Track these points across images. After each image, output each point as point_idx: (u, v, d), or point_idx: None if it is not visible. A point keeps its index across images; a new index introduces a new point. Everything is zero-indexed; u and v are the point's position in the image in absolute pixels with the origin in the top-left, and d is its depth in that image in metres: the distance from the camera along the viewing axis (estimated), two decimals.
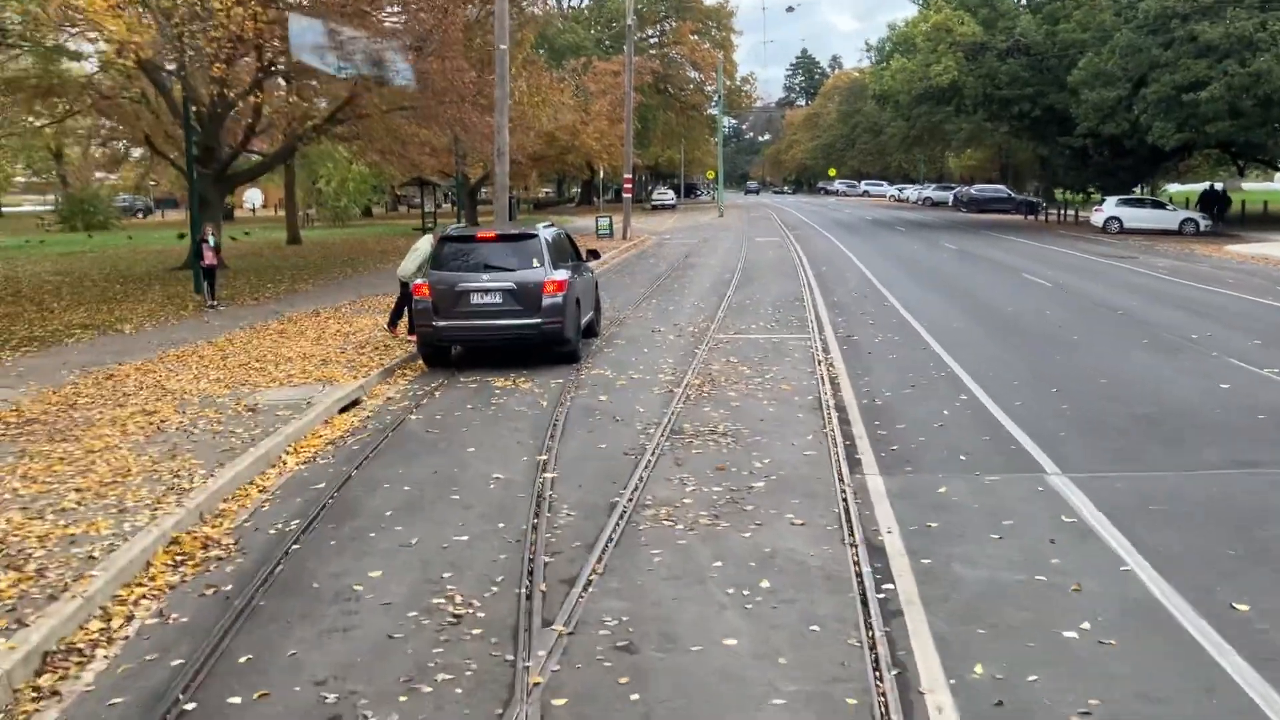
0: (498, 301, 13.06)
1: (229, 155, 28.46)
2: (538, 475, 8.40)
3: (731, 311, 18.67)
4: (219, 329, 17.42)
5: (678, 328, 16.89)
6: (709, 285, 23.46)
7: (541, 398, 11.56)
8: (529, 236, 13.62)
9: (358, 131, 33.15)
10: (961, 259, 29.47)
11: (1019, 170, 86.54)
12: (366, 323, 17.65)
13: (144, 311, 19.66)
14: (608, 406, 10.97)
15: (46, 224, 62.84)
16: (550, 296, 13.00)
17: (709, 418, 10.26)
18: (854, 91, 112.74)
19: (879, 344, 14.80)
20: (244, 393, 11.81)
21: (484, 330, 13.25)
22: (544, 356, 13.59)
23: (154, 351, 15.16)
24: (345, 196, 59.42)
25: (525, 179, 58.66)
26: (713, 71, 75.96)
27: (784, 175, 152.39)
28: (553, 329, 13.05)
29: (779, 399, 11.13)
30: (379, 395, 12.26)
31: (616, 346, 15.19)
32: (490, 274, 13.19)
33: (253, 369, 13.45)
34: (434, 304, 13.12)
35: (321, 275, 27.18)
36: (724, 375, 12.53)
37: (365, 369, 13.29)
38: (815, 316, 17.72)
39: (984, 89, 45.42)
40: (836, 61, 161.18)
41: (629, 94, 38.92)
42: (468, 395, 11.85)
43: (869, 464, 8.63)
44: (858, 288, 22.12)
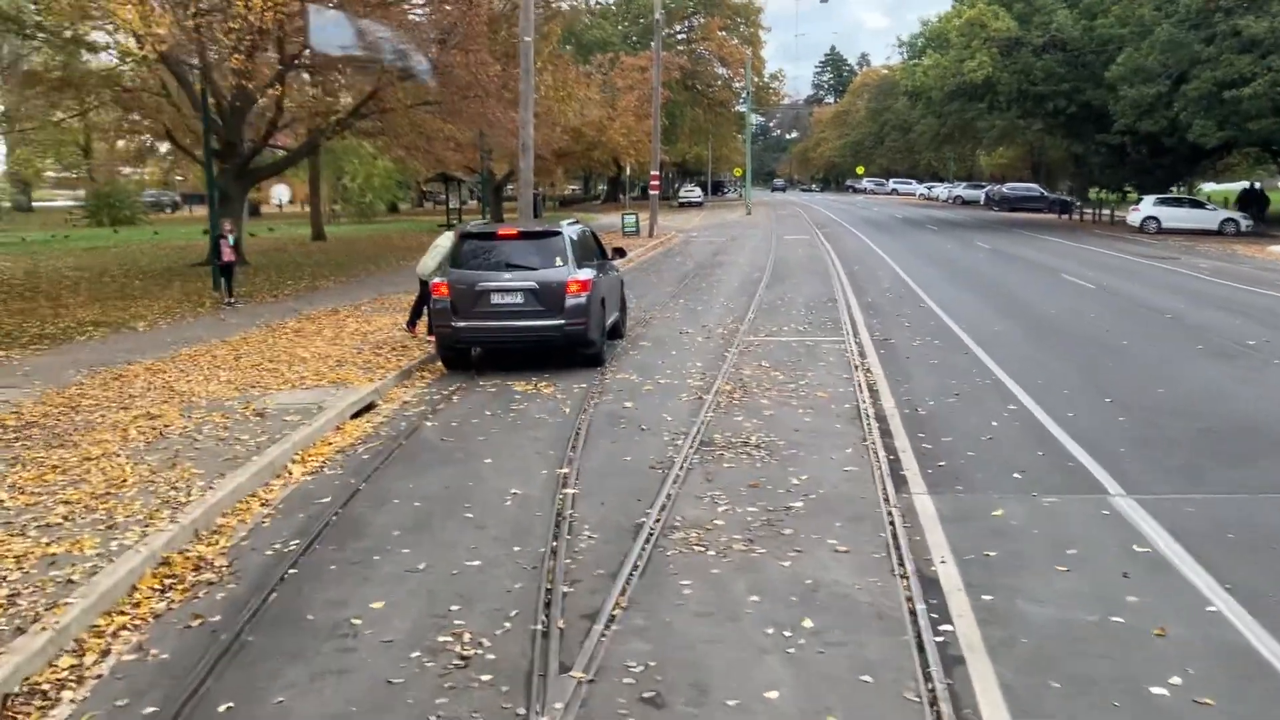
0: (519, 302, 12.49)
1: (251, 150, 28.07)
2: (558, 491, 7.81)
3: (762, 312, 18.02)
4: (235, 327, 16.95)
5: (706, 329, 16.27)
6: (738, 285, 22.82)
7: (564, 404, 10.97)
8: (552, 234, 13.03)
9: (382, 126, 32.78)
10: (997, 258, 28.66)
11: (1050, 169, 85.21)
12: (386, 321, 17.13)
13: (160, 308, 19.23)
14: (633, 414, 10.37)
15: (74, 219, 63.09)
16: (574, 297, 12.43)
17: (741, 428, 9.64)
18: (883, 89, 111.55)
19: (917, 348, 14.12)
20: (254, 396, 11.30)
21: (505, 332, 12.69)
22: (567, 359, 13.02)
23: (166, 350, 14.69)
24: (371, 192, 59.11)
25: (551, 175, 58.11)
26: (740, 68, 75.14)
27: (811, 173, 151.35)
28: (576, 330, 12.48)
29: (815, 407, 10.48)
30: (394, 399, 11.72)
31: (643, 349, 14.59)
32: (511, 273, 12.63)
33: (265, 370, 12.95)
34: (453, 304, 12.56)
35: (343, 272, 26.73)
36: (756, 381, 11.90)
37: (381, 371, 12.75)
38: (849, 318, 17.05)
39: (1018, 85, 44.44)
40: (865, 59, 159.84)
41: (656, 89, 38.30)
42: (486, 400, 11.29)
43: (915, 481, 7.98)
44: (892, 288, 21.42)
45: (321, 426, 10.01)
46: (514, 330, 12.63)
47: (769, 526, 6.97)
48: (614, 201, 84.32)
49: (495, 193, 51.56)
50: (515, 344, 12.98)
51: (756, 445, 8.99)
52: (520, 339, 12.78)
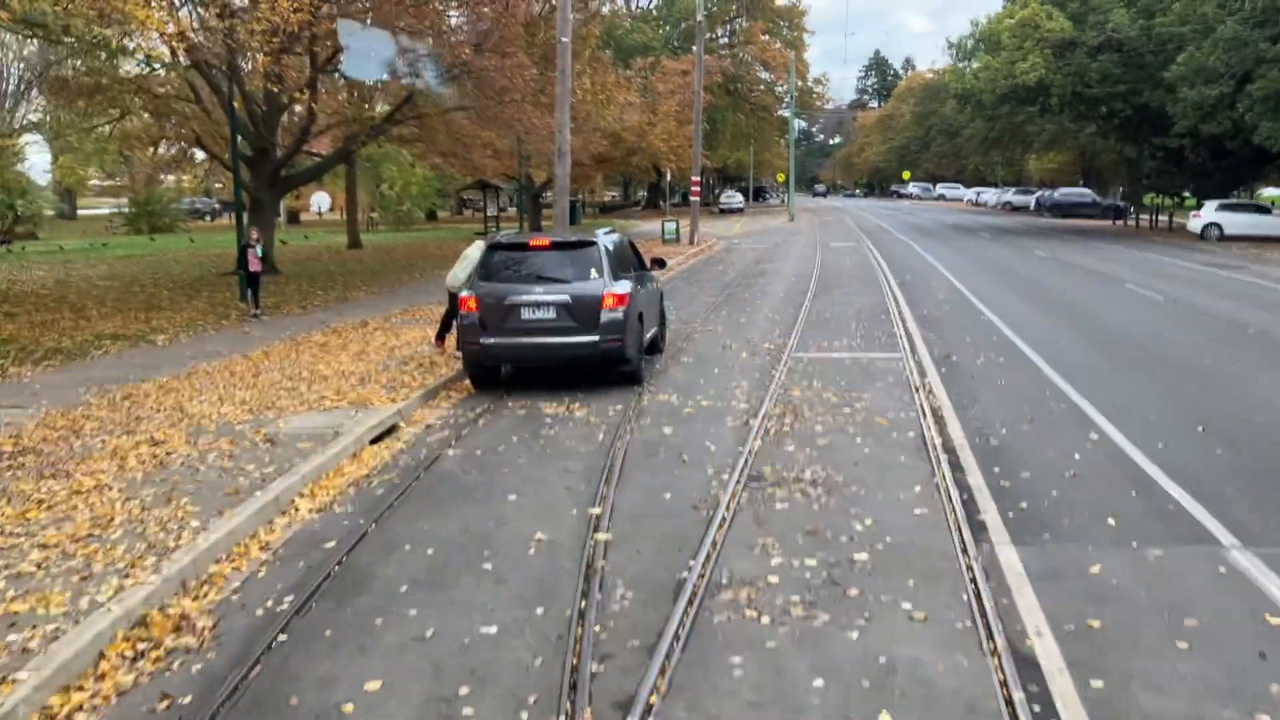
0: (551, 317, 11.65)
1: (283, 156, 27.53)
2: (588, 536, 6.92)
3: (810, 326, 17.05)
4: (258, 341, 16.27)
5: (751, 344, 15.33)
6: (783, 295, 21.84)
7: (598, 428, 10.09)
8: (586, 244, 12.21)
9: (419, 133, 32.21)
10: (1056, 267, 27.41)
11: (1101, 174, 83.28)
12: (415, 335, 16.37)
13: (183, 320, 18.62)
14: (674, 442, 9.47)
15: (114, 226, 63.35)
16: (610, 311, 11.61)
17: (793, 460, 8.70)
18: (929, 93, 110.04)
19: (982, 367, 13.09)
20: (267, 419, 10.53)
21: (536, 349, 11.85)
22: (602, 377, 12.16)
23: (184, 366, 14.02)
24: (408, 200, 58.71)
25: (590, 181, 57.49)
26: (783, 72, 74.07)
27: (855, 178, 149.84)
28: (612, 347, 11.66)
29: (875, 436, 9.52)
30: (418, 422, 10.90)
31: (683, 366, 13.68)
32: (543, 286, 11.77)
33: (284, 389, 12.20)
34: (481, 319, 11.77)
35: (376, 281, 26.08)
36: (807, 403, 10.95)
37: (406, 390, 11.95)
38: (905, 332, 16.04)
39: (1073, 87, 43.01)
40: (909, 63, 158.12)
41: (698, 93, 37.39)
42: (515, 424, 10.43)
43: (996, 528, 7.00)
44: (948, 300, 20.34)
45: (336, 455, 9.20)
46: (546, 347, 11.80)
47: (831, 585, 6.04)
48: (654, 208, 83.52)
49: (534, 200, 50.92)
50: (547, 362, 12.18)
51: (812, 481, 8.05)
52: (552, 357, 11.95)
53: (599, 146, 42.63)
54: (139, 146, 28.42)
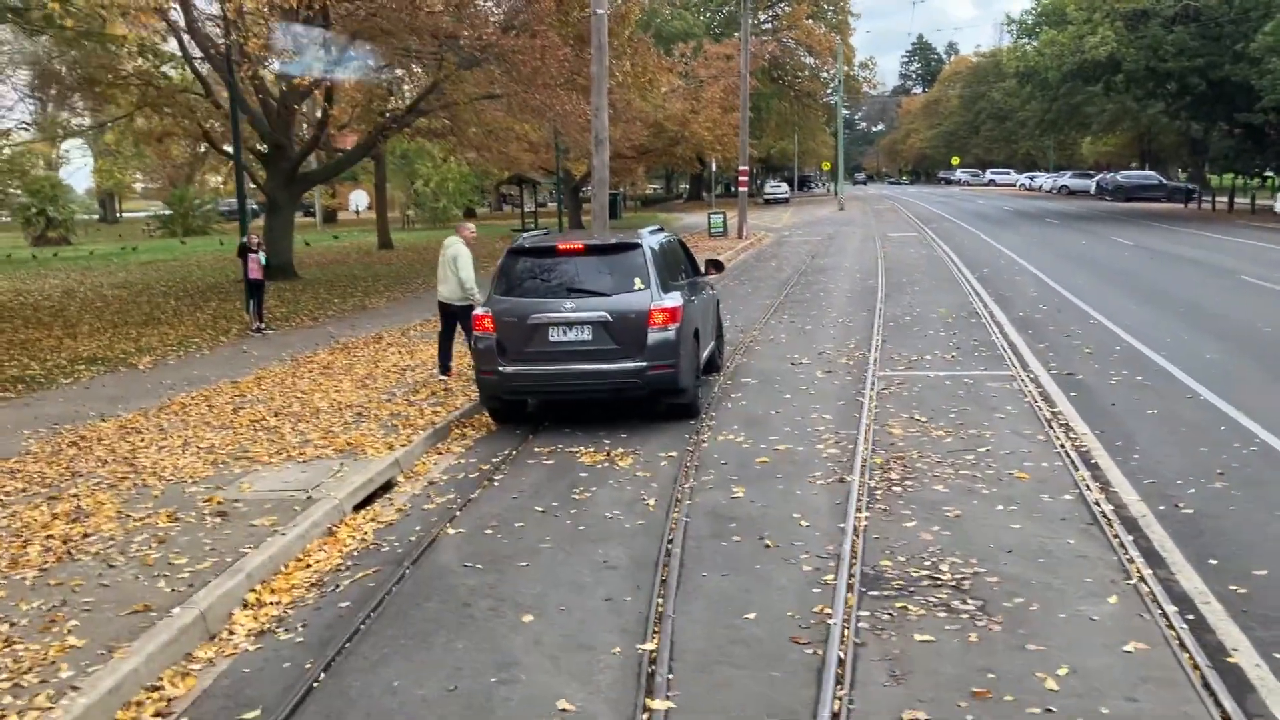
0: (585, 339, 9.43)
1: (300, 153, 25.49)
2: (638, 705, 4.57)
3: (889, 333, 14.61)
4: (254, 362, 14.16)
5: (824, 358, 12.94)
6: (850, 295, 19.38)
7: (646, 488, 7.77)
8: (628, 247, 9.90)
9: (449, 125, 30.08)
10: (1150, 257, 24.62)
11: (1160, 155, 79.50)
12: (432, 353, 14.14)
13: (177, 337, 16.57)
14: (748, 511, 7.12)
15: (149, 229, 62.10)
16: (658, 331, 9.36)
17: (919, 544, 6.33)
18: (977, 76, 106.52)
19: (1118, 388, 10.59)
20: (230, 476, 8.35)
21: (567, 379, 9.55)
22: (650, 407, 9.86)
23: (159, 396, 11.93)
24: (444, 197, 56.69)
25: (631, 174, 55.09)
26: (829, 56, 71.20)
27: (899, 165, 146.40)
28: (662, 376, 9.43)
29: (1021, 501, 7.10)
30: (418, 475, 8.67)
31: (746, 389, 11.33)
32: (576, 301, 9.54)
33: (264, 429, 10.03)
34: (499, 342, 9.58)
35: (400, 286, 23.96)
36: (914, 446, 8.56)
37: (410, 430, 9.72)
38: (1005, 341, 13.55)
39: (1145, 61, 39.91)
40: (953, 47, 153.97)
41: (744, 76, 34.89)
42: (540, 480, 8.15)
43: (1263, 680, 4.57)
44: (1041, 298, 17.76)
45: (302, 534, 6.97)
46: (579, 377, 9.51)
47: None
48: (697, 200, 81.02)
49: (573, 194, 48.70)
50: (581, 395, 9.88)
51: (956, 585, 5.66)
52: (587, 388, 9.66)
53: (640, 136, 40.29)
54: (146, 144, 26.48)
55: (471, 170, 52.67)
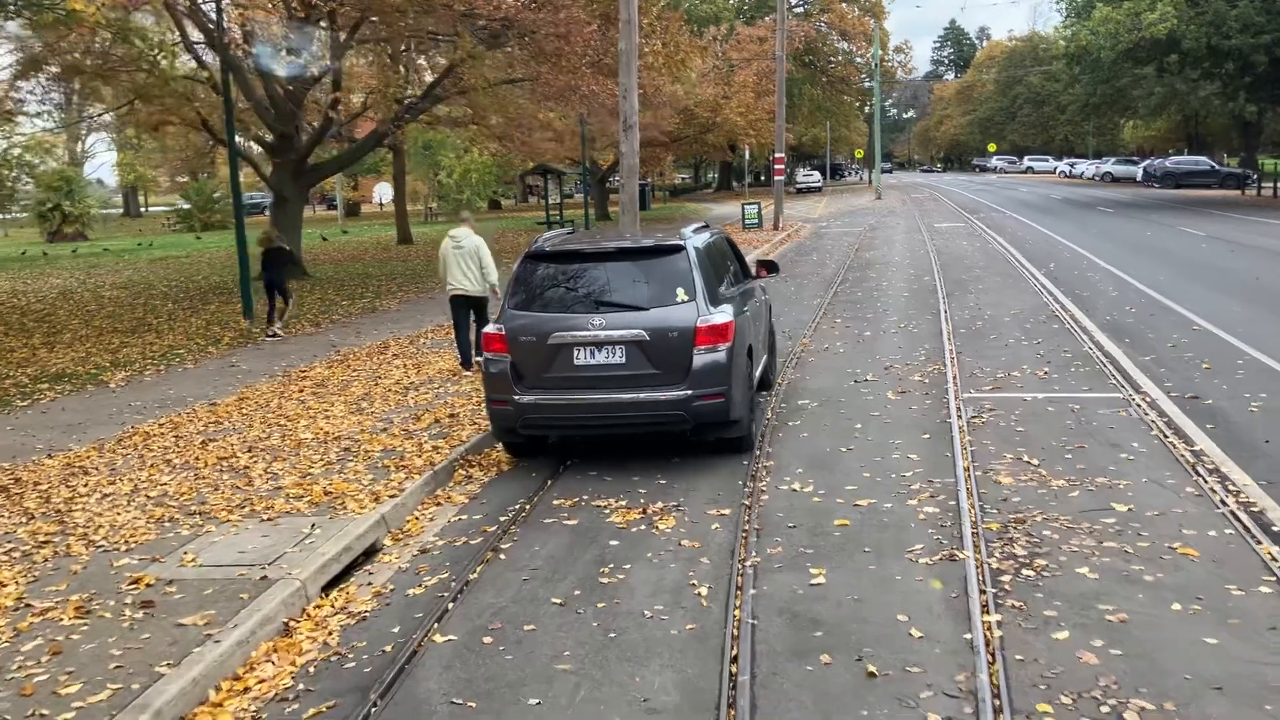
0: (618, 362, 7.74)
1: (308, 143, 23.85)
2: None
3: (963, 342, 12.76)
4: (241, 378, 12.54)
5: (893, 374, 11.13)
6: (907, 294, 17.51)
7: (695, 567, 6.02)
8: (670, 250, 8.15)
9: (470, 114, 28.40)
10: (1231, 251, 22.49)
11: (1206, 139, 76.63)
12: (441, 367, 12.47)
13: (162, 347, 14.99)
14: (835, 609, 5.34)
15: (169, 224, 60.89)
16: (707, 352, 7.69)
17: (1084, 675, 4.52)
18: (1013, 60, 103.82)
19: (1265, 418, 8.71)
20: (176, 540, 6.70)
21: (595, 412, 7.85)
22: (694, 440, 8.12)
23: (123, 423, 10.33)
24: (468, 188, 54.99)
25: (659, 163, 53.26)
26: (863, 41, 68.98)
27: (932, 152, 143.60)
28: (711, 407, 7.72)
29: (1205, 596, 5.27)
30: (409, 537, 6.97)
31: (805, 415, 9.54)
32: (606, 316, 7.83)
33: (232, 469, 8.37)
34: (514, 366, 7.94)
35: (415, 285, 22.30)
36: (1032, 502, 6.75)
37: (404, 471, 8.03)
38: (1101, 353, 11.67)
39: (1207, 39, 37.58)
40: (985, 32, 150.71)
41: (780, 58, 32.95)
42: (559, 553, 6.40)
43: None
44: (1124, 298, 15.81)
45: (244, 641, 5.27)
46: (610, 409, 7.80)
47: None
48: (726, 189, 79.01)
49: (600, 184, 46.98)
50: (612, 430, 8.13)
51: None
52: (621, 422, 7.93)
53: (670, 123, 38.50)
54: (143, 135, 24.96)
55: (495, 161, 51.01)
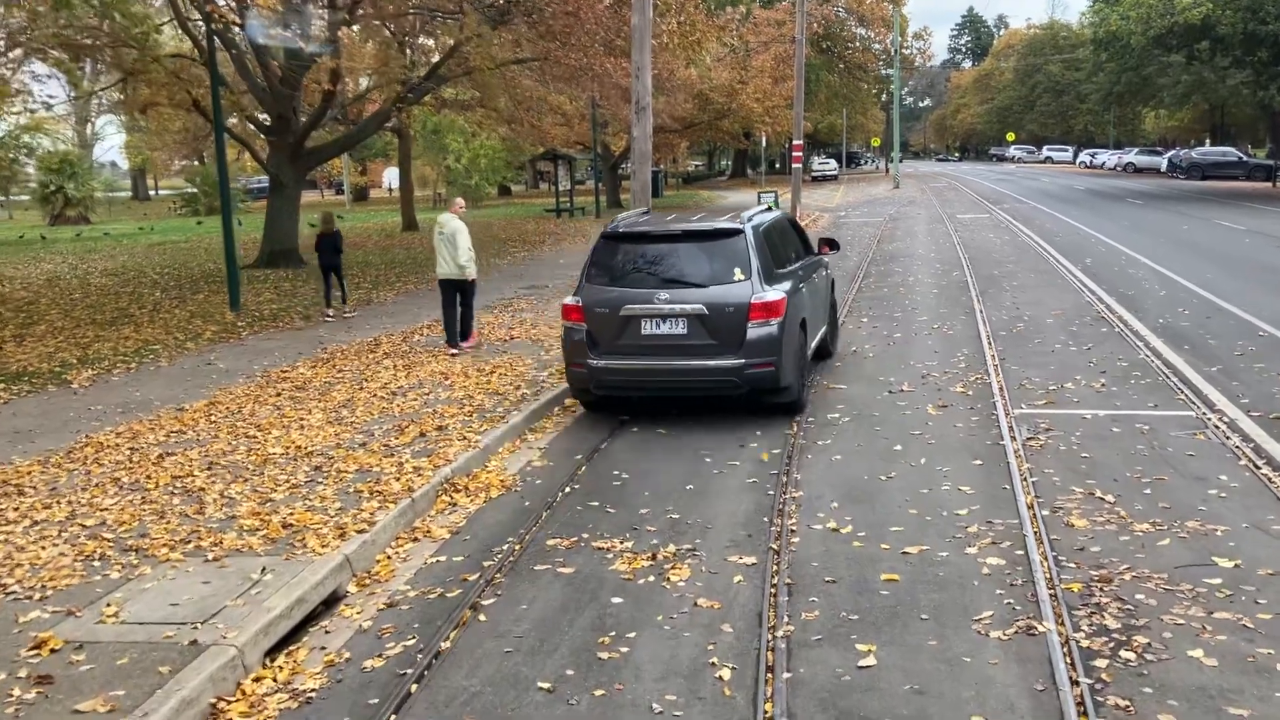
0: (680, 333, 8.75)
1: (306, 125, 22.80)
2: None
3: (1004, 346, 11.65)
4: (217, 378, 11.53)
5: (931, 383, 10.04)
6: (936, 291, 16.39)
7: (715, 637, 4.95)
8: (729, 234, 9.09)
9: (478, 97, 27.32)
10: (1275, 246, 21.30)
11: (1231, 130, 75.04)
12: (435, 369, 11.43)
13: (138, 342, 13.98)
14: (891, 712, 4.27)
15: (175, 208, 59.98)
16: (759, 325, 8.62)
17: None
18: (1032, 48, 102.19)
19: None
20: (103, 586, 5.70)
21: (660, 376, 8.91)
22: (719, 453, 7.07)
23: (78, 430, 9.32)
24: (476, 174, 53.84)
25: (673, 150, 52.05)
26: (881, 26, 67.50)
27: (948, 141, 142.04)
28: (762, 375, 8.65)
29: None
30: (377, 582, 5.94)
31: (838, 432, 8.47)
32: (671, 291, 8.83)
33: (185, 491, 7.35)
34: (590, 334, 9.01)
35: (416, 275, 21.23)
36: (1116, 553, 5.67)
37: (378, 498, 6.99)
38: (1160, 361, 10.54)
39: (1244, 24, 36.24)
40: (1003, 20, 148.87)
41: (800, 41, 31.70)
42: (551, 614, 5.34)
43: None
44: (1174, 298, 14.65)
45: None
46: (673, 373, 8.86)
47: None
48: (741, 177, 77.73)
49: (611, 171, 45.83)
50: (676, 392, 9.19)
51: None
52: (683, 386, 9.00)
53: (684, 109, 37.32)
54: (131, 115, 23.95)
55: (504, 146, 49.88)
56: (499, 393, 10.10)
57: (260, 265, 23.00)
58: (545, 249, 26.75)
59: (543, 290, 18.08)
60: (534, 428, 9.26)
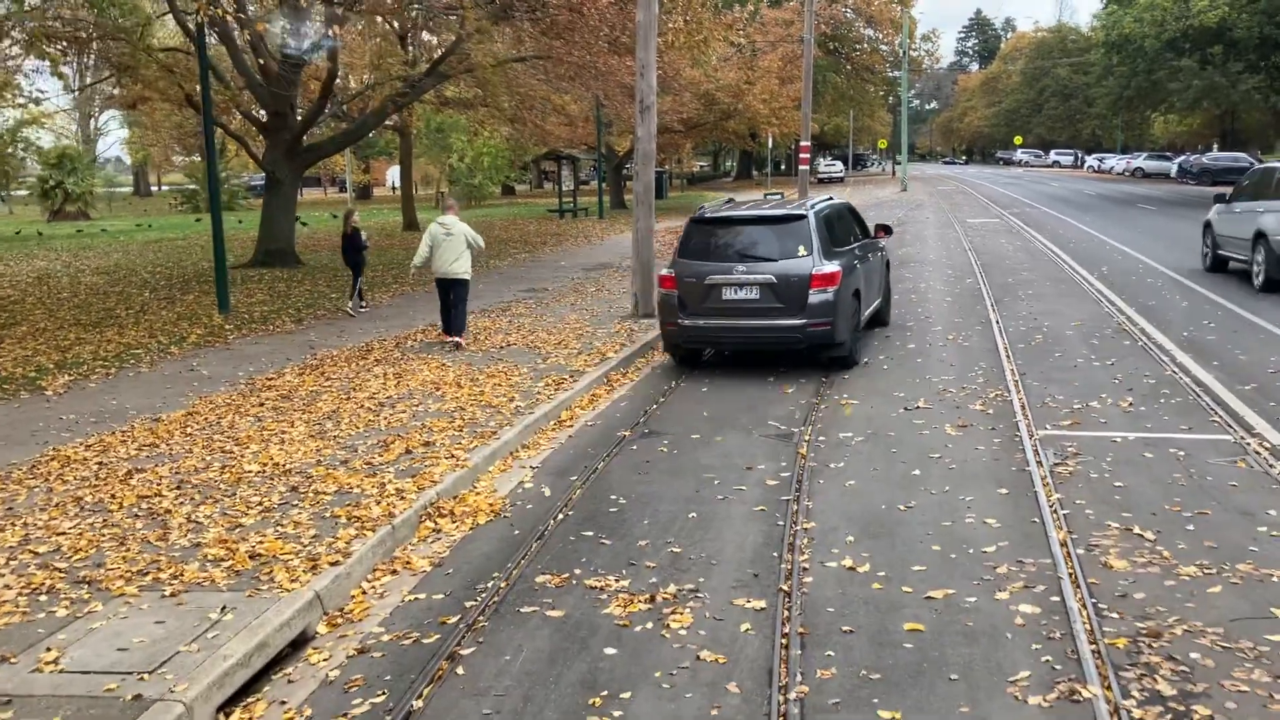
0: (754, 298, 10.71)
1: (303, 121, 22.30)
2: None
3: (1024, 360, 11.11)
4: (199, 385, 11.03)
5: (948, 400, 9.50)
6: (950, 299, 15.85)
7: (718, 700, 4.42)
8: (795, 219, 11.05)
9: (480, 95, 26.80)
10: None
11: (1241, 135, 74.39)
12: (426, 378, 10.91)
13: (120, 345, 13.49)
14: None
15: (175, 204, 59.54)
16: (818, 293, 10.50)
17: None
18: (1040, 52, 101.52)
19: None
20: (45, 626, 5.20)
21: (737, 332, 11.00)
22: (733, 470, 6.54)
23: (46, 441, 8.82)
24: (480, 173, 53.31)
25: (678, 150, 51.52)
26: (889, 28, 66.89)
27: (954, 144, 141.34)
28: (820, 332, 10.58)
29: None
30: (350, 622, 5.42)
31: (850, 453, 7.94)
32: (747, 264, 10.80)
33: (150, 514, 6.84)
34: (680, 298, 11.01)
35: (413, 277, 20.68)
36: (1162, 601, 5.13)
37: (355, 525, 6.47)
38: (1187, 376, 9.99)
39: (1260, 28, 35.64)
40: (1010, 23, 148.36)
41: (808, 41, 31.17)
42: (537, 666, 4.81)
43: None
44: (1198, 309, 14.08)
45: None
46: (748, 330, 10.91)
47: None
48: (746, 178, 77.17)
49: (615, 171, 45.33)
50: (749, 346, 11.35)
51: None
52: (755, 341, 11.07)
53: (690, 109, 36.77)
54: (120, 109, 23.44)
55: (508, 145, 49.35)
56: (492, 405, 9.58)
57: (255, 265, 22.52)
58: (546, 250, 26.23)
59: (542, 294, 17.55)
60: (527, 444, 8.73)
